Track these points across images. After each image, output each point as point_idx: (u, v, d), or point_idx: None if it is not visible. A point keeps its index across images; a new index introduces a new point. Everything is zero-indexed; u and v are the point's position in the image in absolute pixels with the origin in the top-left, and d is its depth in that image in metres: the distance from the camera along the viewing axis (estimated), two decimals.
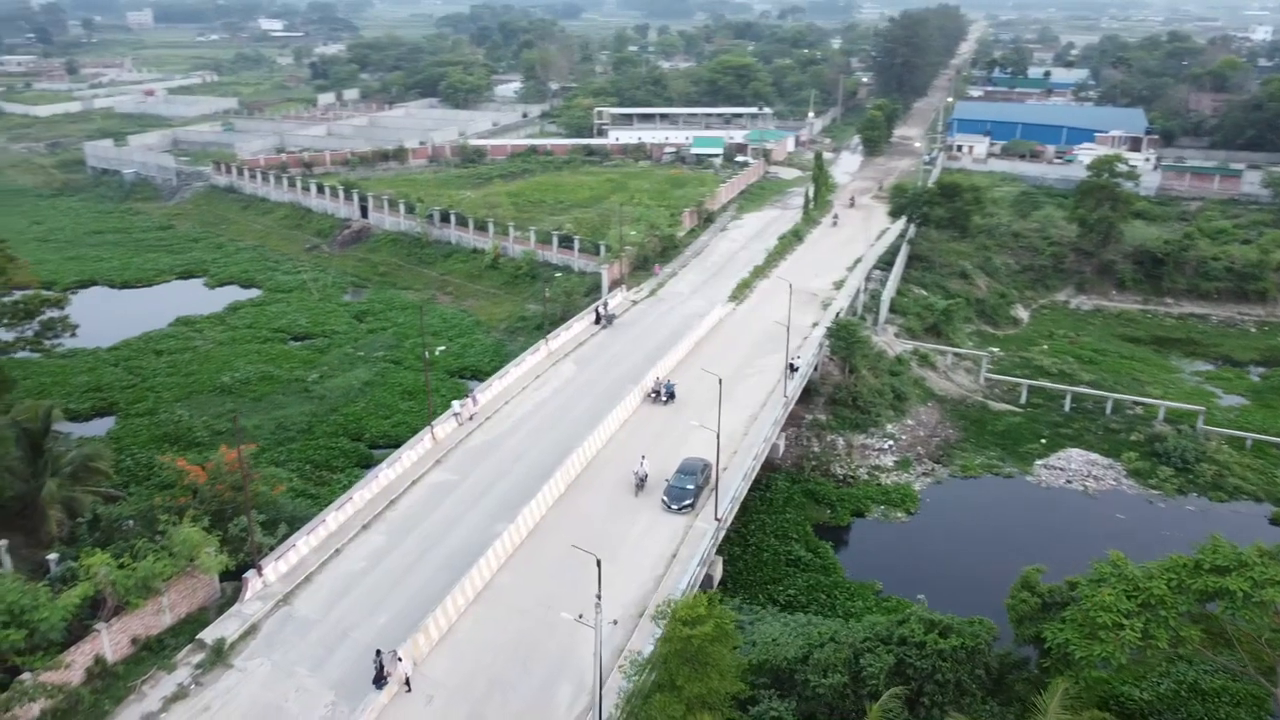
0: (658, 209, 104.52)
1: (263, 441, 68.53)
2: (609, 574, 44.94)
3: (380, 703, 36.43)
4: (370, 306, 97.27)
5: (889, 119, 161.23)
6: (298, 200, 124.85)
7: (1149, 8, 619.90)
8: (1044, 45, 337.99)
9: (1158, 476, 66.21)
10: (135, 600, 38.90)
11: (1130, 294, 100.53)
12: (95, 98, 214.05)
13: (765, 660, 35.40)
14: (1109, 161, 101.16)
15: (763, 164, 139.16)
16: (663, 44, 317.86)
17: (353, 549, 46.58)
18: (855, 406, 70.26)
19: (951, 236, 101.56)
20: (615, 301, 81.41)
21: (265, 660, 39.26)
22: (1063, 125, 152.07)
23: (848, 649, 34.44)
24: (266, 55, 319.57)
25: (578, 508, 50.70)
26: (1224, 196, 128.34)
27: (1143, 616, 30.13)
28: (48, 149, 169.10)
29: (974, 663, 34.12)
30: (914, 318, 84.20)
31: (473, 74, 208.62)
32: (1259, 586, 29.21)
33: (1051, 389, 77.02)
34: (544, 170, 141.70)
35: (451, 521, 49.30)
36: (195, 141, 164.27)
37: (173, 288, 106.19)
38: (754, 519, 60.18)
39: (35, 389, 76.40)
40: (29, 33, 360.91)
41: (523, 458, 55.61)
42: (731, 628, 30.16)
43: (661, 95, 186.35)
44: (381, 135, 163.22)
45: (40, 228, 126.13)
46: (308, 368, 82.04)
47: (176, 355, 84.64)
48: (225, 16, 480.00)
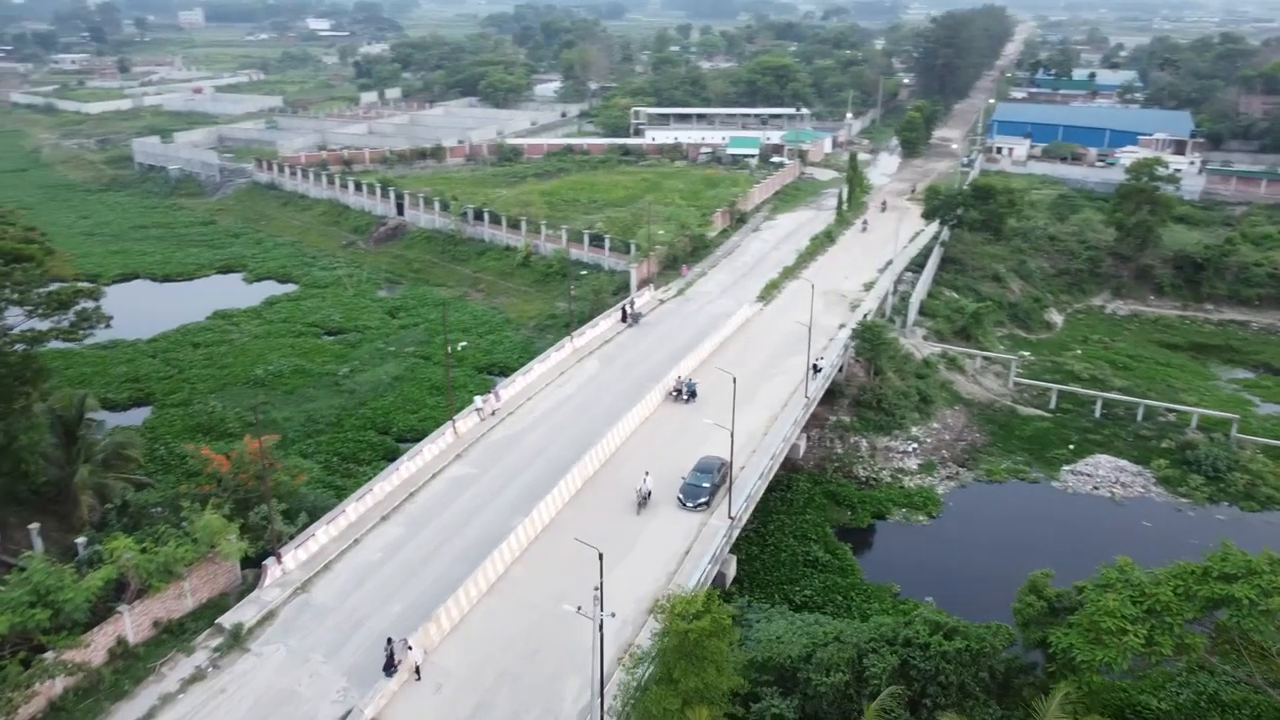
0: (688, 209, 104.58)
1: (292, 434, 70.02)
2: (623, 570, 45.69)
3: (390, 690, 37.08)
4: (403, 302, 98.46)
5: (928, 120, 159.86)
6: (335, 197, 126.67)
7: (1203, 9, 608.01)
8: (1092, 46, 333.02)
9: (1188, 485, 65.20)
10: (157, 584, 39.91)
11: (1168, 300, 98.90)
12: (145, 95, 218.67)
13: (769, 658, 35.51)
14: (1148, 165, 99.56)
15: (798, 165, 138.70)
16: (704, 44, 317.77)
17: (371, 539, 47.37)
18: (879, 408, 69.94)
19: (985, 239, 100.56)
20: (642, 300, 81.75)
21: (281, 646, 40.11)
22: (1106, 128, 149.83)
23: (851, 649, 34.45)
24: (313, 54, 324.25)
25: (594, 504, 51.09)
26: (1272, 201, 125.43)
27: (1147, 623, 29.85)
28: (97, 145, 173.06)
29: (979, 666, 33.96)
30: (943, 320, 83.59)
31: (513, 74, 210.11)
32: (1266, 594, 28.83)
33: (1082, 394, 76.09)
34: (579, 169, 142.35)
35: (469, 514, 49.93)
36: (239, 139, 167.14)
37: (212, 282, 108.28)
38: (774, 519, 60.20)
39: (76, 378, 78.85)
40: (84, 32, 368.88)
41: (543, 453, 56.12)
42: (729, 623, 30.33)
43: (700, 95, 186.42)
44: (421, 134, 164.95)
45: (87, 222, 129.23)
46: (339, 362, 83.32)
47: (212, 348, 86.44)
48: (274, 16, 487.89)
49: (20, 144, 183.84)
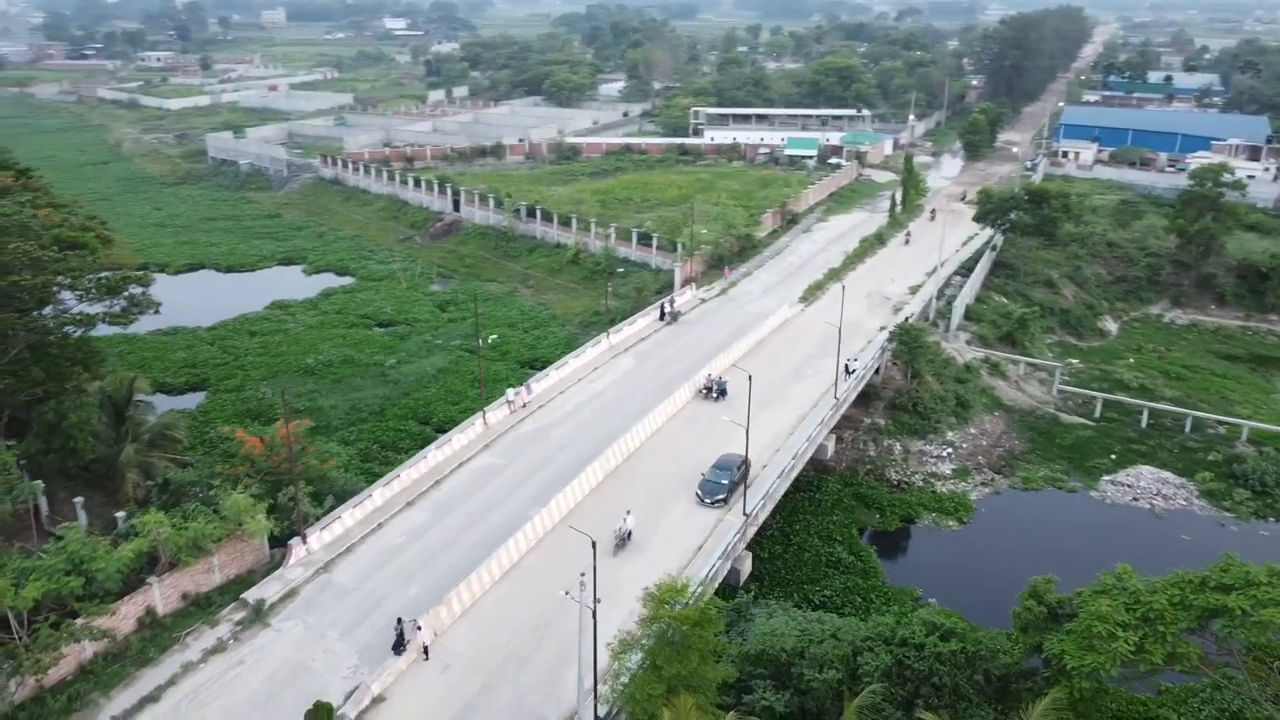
0: (735, 209, 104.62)
1: (336, 421, 72.09)
2: (638, 562, 46.39)
3: (398, 668, 38.30)
4: (454, 297, 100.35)
5: (993, 123, 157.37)
6: (395, 193, 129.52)
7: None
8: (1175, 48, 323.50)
9: (1233, 499, 63.57)
10: (185, 558, 41.74)
11: (1231, 309, 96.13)
12: (223, 92, 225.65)
13: (762, 651, 35.83)
14: (1213, 171, 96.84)
15: (856, 166, 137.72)
16: (772, 45, 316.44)
17: (395, 524, 48.76)
18: (915, 412, 69.44)
19: (1040, 244, 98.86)
20: (684, 299, 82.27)
21: (300, 622, 41.63)
22: (1177, 132, 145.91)
23: (847, 646, 34.62)
24: (386, 53, 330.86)
25: (615, 496, 51.80)
26: None
27: (1140, 630, 29.50)
28: (175, 140, 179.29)
29: (974, 669, 33.85)
30: (988, 325, 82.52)
31: (577, 73, 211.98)
32: (1260, 606, 28.30)
33: (1128, 404, 74.52)
34: (636, 169, 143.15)
35: (492, 503, 51.04)
36: (308, 135, 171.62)
37: (274, 273, 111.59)
38: (800, 519, 60.30)
39: (138, 363, 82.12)
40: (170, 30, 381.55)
41: (569, 446, 57.00)
42: (713, 614, 30.80)
43: (762, 96, 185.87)
44: (484, 132, 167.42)
45: (160, 213, 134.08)
46: (387, 353, 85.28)
47: (268, 337, 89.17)
48: (353, 15, 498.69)
49: (104, 138, 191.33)
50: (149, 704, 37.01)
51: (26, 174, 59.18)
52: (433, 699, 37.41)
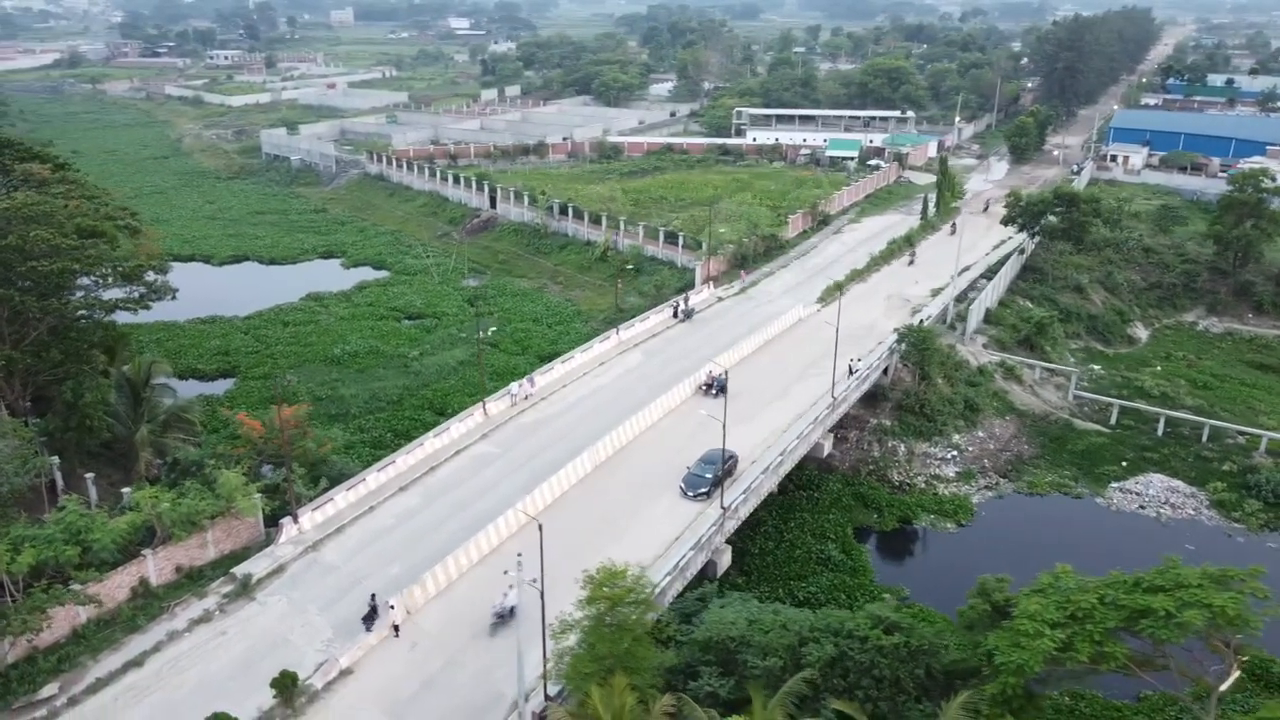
0: (759, 209, 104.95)
1: (355, 409, 74.30)
2: (615, 550, 47.27)
3: (368, 643, 39.91)
4: (483, 292, 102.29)
5: (1041, 126, 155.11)
6: (436, 189, 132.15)
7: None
8: (1250, 51, 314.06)
9: (1243, 509, 62.44)
10: (179, 533, 43.85)
11: (1269, 318, 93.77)
12: (284, 90, 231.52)
13: (710, 638, 36.60)
14: (1253, 176, 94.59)
15: (895, 168, 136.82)
16: (830, 45, 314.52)
17: (387, 507, 50.49)
18: (922, 414, 69.30)
19: (1073, 249, 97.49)
20: (700, 297, 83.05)
21: (284, 597, 43.49)
22: (1231, 137, 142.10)
23: (793, 636, 35.21)
24: (446, 52, 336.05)
25: (604, 487, 52.98)
26: None
27: (1069, 628, 29.67)
28: (233, 136, 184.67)
29: (916, 663, 34.22)
30: (1008, 329, 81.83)
31: (626, 73, 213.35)
32: (1184, 607, 28.31)
33: (1145, 411, 73.44)
34: (676, 169, 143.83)
35: (484, 490, 52.50)
36: (360, 132, 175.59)
37: (314, 266, 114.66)
38: (796, 516, 60.78)
39: (175, 349, 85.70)
40: (240, 29, 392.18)
41: (566, 437, 58.21)
42: (647, 596, 31.70)
43: (810, 97, 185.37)
44: (531, 130, 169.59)
45: (212, 206, 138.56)
46: (412, 345, 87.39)
47: (300, 327, 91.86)
48: (419, 15, 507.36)
49: (168, 134, 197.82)
50: (133, 668, 39.08)
51: (64, 167, 62.14)
52: (397, 674, 38.91)
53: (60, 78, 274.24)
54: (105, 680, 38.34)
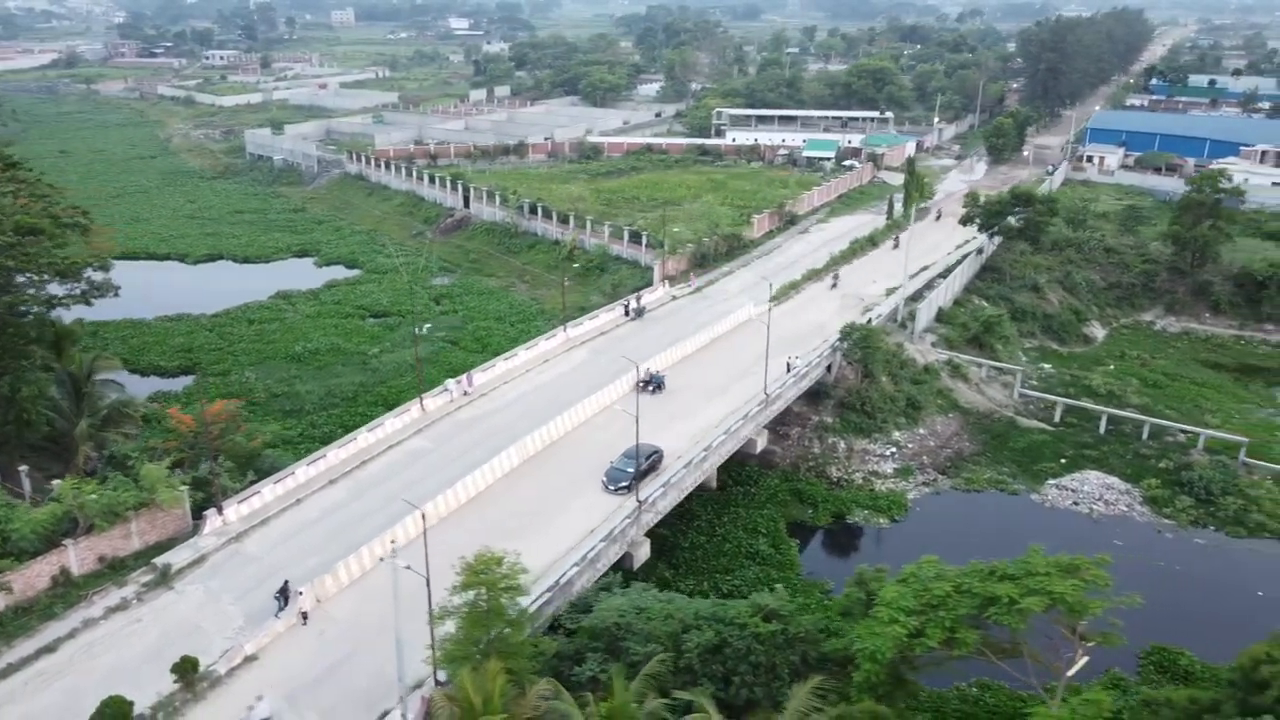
0: (720, 209, 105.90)
1: (309, 406, 75.46)
2: (532, 542, 48.43)
3: (275, 630, 40.98)
4: (450, 291, 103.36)
5: (1021, 127, 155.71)
6: (413, 189, 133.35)
7: None
8: (1247, 52, 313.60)
9: (1174, 506, 63.23)
10: (101, 524, 44.97)
11: (1225, 318, 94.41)
12: (275, 90, 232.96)
13: (596, 625, 37.59)
14: (1211, 177, 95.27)
15: (870, 168, 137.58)
16: (823, 46, 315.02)
17: (314, 500, 51.55)
18: (863, 411, 70.18)
19: (1033, 249, 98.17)
20: (655, 295, 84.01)
21: (202, 586, 44.59)
22: (1206, 137, 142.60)
23: (677, 623, 36.18)
24: (442, 53, 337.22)
25: (530, 481, 54.03)
26: None
27: (924, 616, 30.56)
28: (221, 136, 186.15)
29: (792, 649, 35.19)
30: (958, 328, 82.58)
31: (614, 73, 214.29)
32: (1028, 594, 29.18)
33: (1089, 409, 74.19)
34: (654, 169, 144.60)
35: (413, 484, 53.35)
36: (344, 132, 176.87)
37: (287, 264, 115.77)
38: (730, 511, 61.73)
39: (139, 346, 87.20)
40: (239, 30, 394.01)
41: (502, 433, 59.11)
42: (517, 583, 32.71)
43: (794, 98, 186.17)
44: (516, 130, 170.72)
45: (193, 206, 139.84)
46: (373, 343, 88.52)
47: (265, 325, 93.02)
48: (421, 15, 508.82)
49: (158, 134, 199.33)
50: (45, 654, 40.22)
51: (14, 166, 63.29)
52: (302, 660, 39.98)
53: (56, 78, 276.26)
54: (16, 665, 39.46)
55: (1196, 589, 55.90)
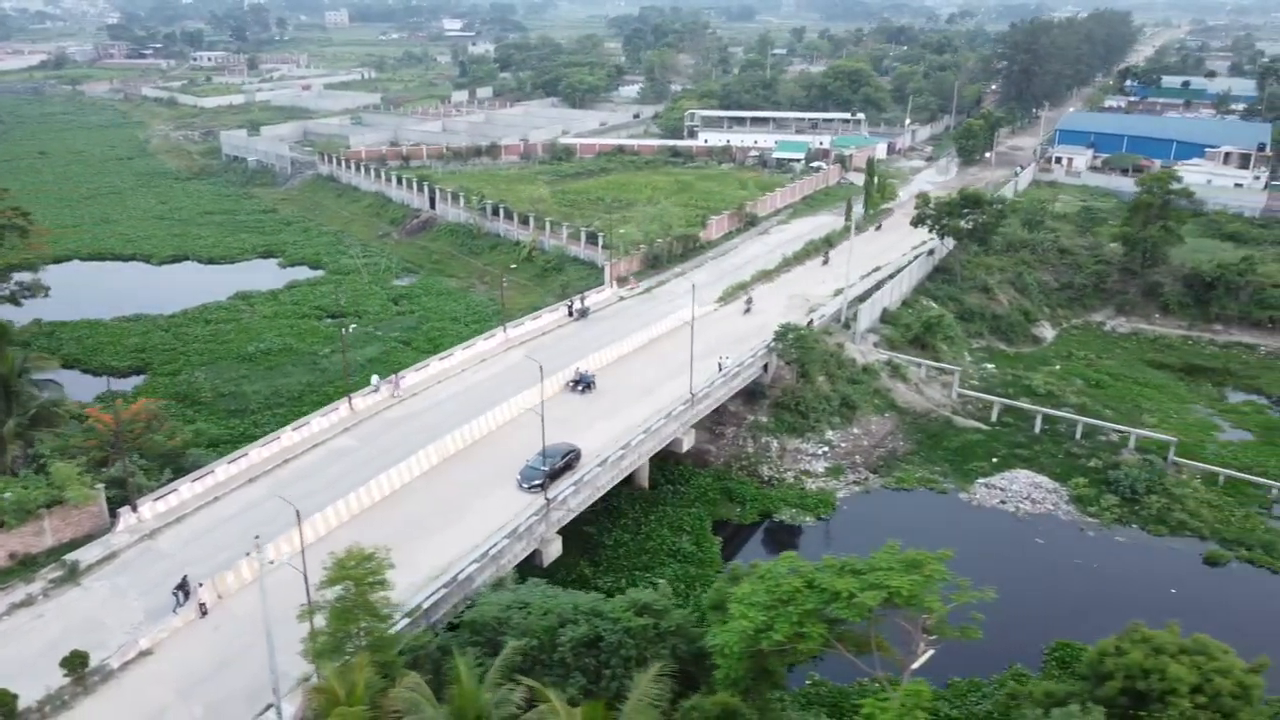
0: (673, 210, 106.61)
1: (254, 405, 76.20)
2: (442, 538, 49.31)
3: (173, 625, 41.71)
4: (410, 291, 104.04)
5: (992, 129, 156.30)
6: (381, 190, 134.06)
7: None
8: (1234, 53, 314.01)
9: (1099, 505, 63.86)
10: (11, 521, 45.70)
11: (1175, 319, 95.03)
12: (258, 91, 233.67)
13: (475, 619, 38.31)
14: (1162, 178, 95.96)
15: (837, 170, 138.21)
16: (809, 47, 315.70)
17: (232, 498, 52.23)
18: (797, 411, 70.85)
19: (986, 250, 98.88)
20: (602, 296, 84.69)
21: (109, 583, 45.30)
22: (1173, 139, 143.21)
23: (554, 617, 36.87)
24: (431, 54, 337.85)
25: (448, 479, 54.74)
26: None
27: (774, 611, 31.23)
28: (200, 137, 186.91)
29: (663, 643, 35.91)
30: (900, 329, 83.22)
31: (593, 74, 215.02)
32: (868, 588, 29.85)
33: (1025, 409, 74.84)
34: (624, 170, 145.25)
35: (334, 482, 54.08)
36: (321, 133, 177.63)
37: (252, 265, 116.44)
38: (658, 510, 62.41)
39: (93, 347, 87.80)
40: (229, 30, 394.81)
41: (428, 432, 59.71)
42: (383, 578, 33.42)
43: (771, 99, 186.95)
44: (493, 131, 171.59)
45: (164, 207, 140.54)
46: (327, 343, 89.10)
47: (221, 325, 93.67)
48: (415, 16, 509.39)
49: (138, 135, 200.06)
50: None
51: None
52: (196, 655, 40.68)
53: (43, 79, 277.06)
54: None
55: (1111, 586, 56.53)
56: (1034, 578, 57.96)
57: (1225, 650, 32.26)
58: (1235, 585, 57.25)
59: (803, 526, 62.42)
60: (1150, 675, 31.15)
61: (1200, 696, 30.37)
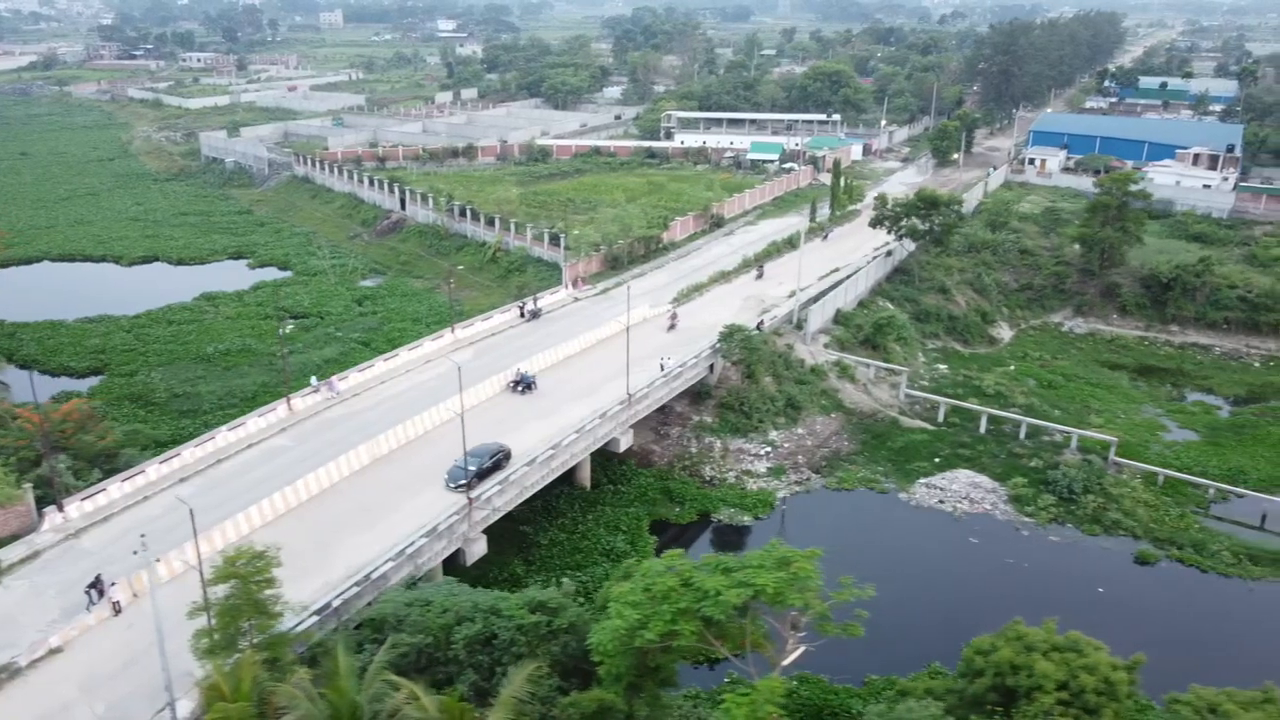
0: (632, 211, 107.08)
1: (208, 405, 76.71)
2: (365, 538, 49.74)
3: (85, 623, 42.17)
4: (375, 292, 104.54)
5: (968, 129, 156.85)
6: (354, 191, 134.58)
7: None
8: (1224, 54, 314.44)
9: (1036, 504, 64.28)
10: None
11: (1132, 319, 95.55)
12: (243, 92, 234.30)
13: (372, 617, 38.83)
14: (1120, 179, 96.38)
15: (810, 171, 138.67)
16: (797, 48, 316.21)
17: (161, 498, 52.58)
18: (741, 412, 71.34)
19: (947, 251, 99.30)
20: (556, 297, 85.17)
21: (29, 581, 45.75)
22: (1144, 140, 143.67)
23: (452, 616, 37.34)
24: (421, 54, 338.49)
25: (377, 479, 55.17)
26: None
27: (647, 609, 31.67)
28: (182, 138, 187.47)
29: (555, 640, 36.40)
30: (852, 329, 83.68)
31: (576, 76, 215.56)
32: (735, 586, 30.31)
33: (971, 409, 75.28)
34: (599, 171, 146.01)
35: (264, 481, 54.43)
36: (302, 135, 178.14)
37: (222, 266, 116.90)
38: (596, 510, 62.88)
39: (53, 348, 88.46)
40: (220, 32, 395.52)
41: (365, 432, 60.15)
42: (268, 575, 33.90)
43: (751, 100, 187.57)
44: (472, 133, 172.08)
45: (139, 208, 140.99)
46: (286, 343, 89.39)
47: (183, 326, 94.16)
48: (410, 17, 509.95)
49: (121, 136, 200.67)
50: None
51: None
52: (105, 652, 41.13)
53: (31, 80, 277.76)
54: None
55: (1039, 585, 56.93)
56: (964, 577, 58.52)
57: (1097, 647, 32.67)
58: (1162, 584, 57.80)
59: (740, 526, 62.82)
60: (1019, 671, 31.61)
61: (1064, 693, 30.83)
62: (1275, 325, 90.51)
